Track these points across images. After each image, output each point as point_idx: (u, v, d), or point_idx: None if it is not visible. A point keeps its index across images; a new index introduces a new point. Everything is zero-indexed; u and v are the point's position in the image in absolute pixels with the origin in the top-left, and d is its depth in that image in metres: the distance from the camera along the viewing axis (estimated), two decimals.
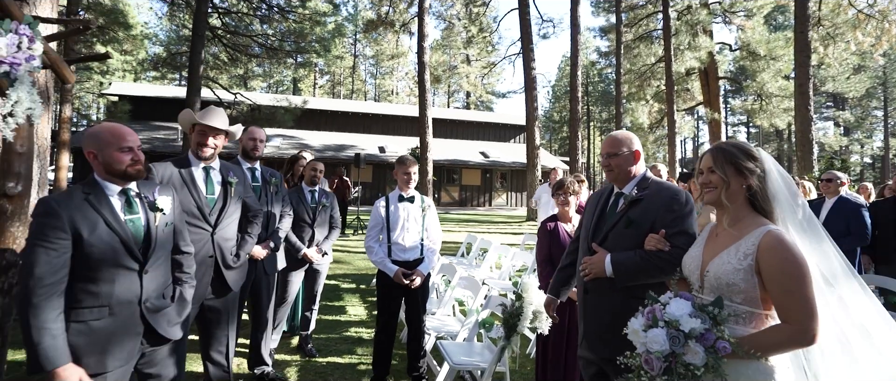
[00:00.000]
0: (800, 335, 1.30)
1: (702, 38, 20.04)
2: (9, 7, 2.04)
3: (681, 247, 1.74)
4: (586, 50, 38.13)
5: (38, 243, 1.57)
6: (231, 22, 21.16)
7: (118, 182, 1.74)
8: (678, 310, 1.36)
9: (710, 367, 1.30)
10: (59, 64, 2.41)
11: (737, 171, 1.45)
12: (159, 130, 22.21)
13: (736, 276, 1.39)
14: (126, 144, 1.72)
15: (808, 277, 1.31)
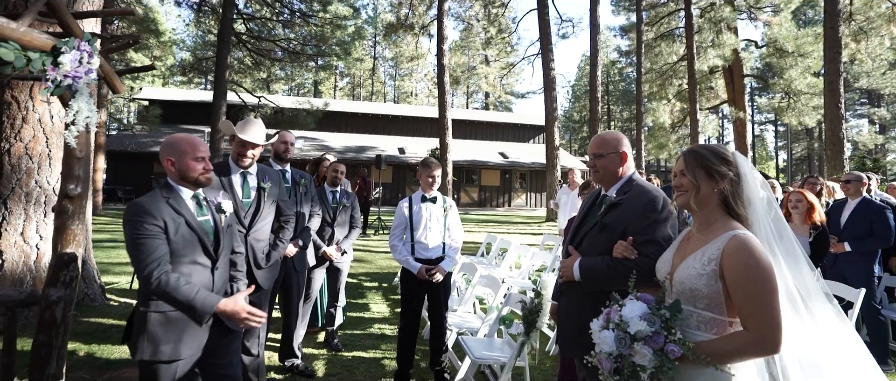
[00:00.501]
0: (759, 344, 1.25)
1: (726, 36, 19.61)
2: (71, 26, 2.24)
3: (648, 256, 1.70)
4: (607, 49, 37.70)
5: (139, 237, 1.74)
6: (255, 27, 21.72)
7: (191, 187, 1.91)
8: (630, 312, 1.35)
9: (659, 369, 1.28)
10: (110, 75, 2.60)
11: (708, 175, 1.42)
12: (187, 132, 22.93)
13: (699, 281, 1.35)
14: (200, 154, 1.90)
15: (771, 283, 1.26)
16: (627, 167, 1.97)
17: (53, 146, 4.22)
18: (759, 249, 1.30)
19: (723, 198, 1.41)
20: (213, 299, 1.79)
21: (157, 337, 1.76)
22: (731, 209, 1.40)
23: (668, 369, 1.28)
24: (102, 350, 3.53)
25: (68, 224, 2.20)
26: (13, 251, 3.96)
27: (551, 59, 15.56)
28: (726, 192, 1.40)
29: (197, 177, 1.89)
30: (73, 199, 2.22)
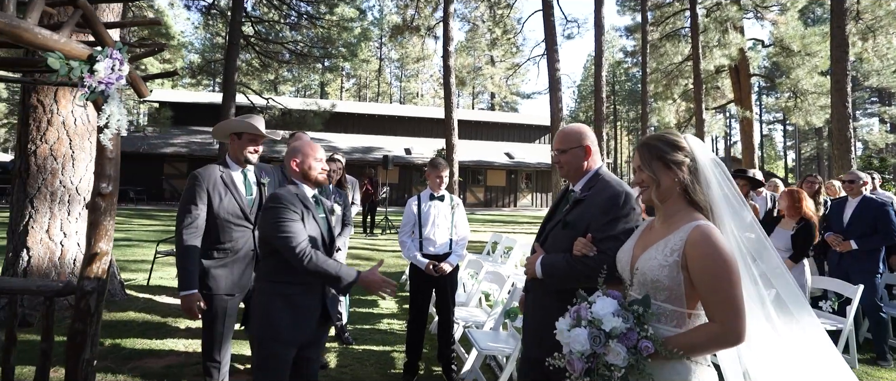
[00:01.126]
0: (725, 335, 1.23)
1: (732, 35, 19.58)
2: (102, 36, 2.39)
3: (607, 253, 1.65)
4: (612, 49, 37.65)
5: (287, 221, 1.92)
6: (262, 30, 21.99)
7: (311, 186, 2.13)
8: (602, 309, 1.30)
9: (632, 368, 1.25)
10: (137, 80, 2.75)
11: (665, 165, 1.37)
12: (197, 134, 23.24)
13: (661, 272, 1.31)
14: (319, 155, 2.13)
15: (734, 274, 1.24)
16: (593, 161, 1.92)
17: (76, 148, 4.41)
18: (722, 240, 1.28)
19: (683, 187, 1.36)
20: (354, 270, 1.97)
21: (279, 320, 1.93)
22: (692, 198, 1.36)
23: (642, 367, 1.25)
24: (125, 342, 3.70)
25: (101, 220, 2.35)
26: (39, 248, 4.15)
27: (556, 59, 15.65)
28: (686, 181, 1.35)
29: (316, 176, 2.11)
30: (105, 196, 2.37)
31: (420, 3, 20.07)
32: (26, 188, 4.20)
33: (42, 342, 2.31)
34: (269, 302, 1.96)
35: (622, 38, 30.42)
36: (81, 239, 4.35)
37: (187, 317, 2.51)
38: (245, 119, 2.71)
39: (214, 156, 19.20)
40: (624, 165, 49.24)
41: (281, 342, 1.95)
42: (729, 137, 45.50)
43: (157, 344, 3.71)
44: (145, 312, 4.51)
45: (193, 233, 2.49)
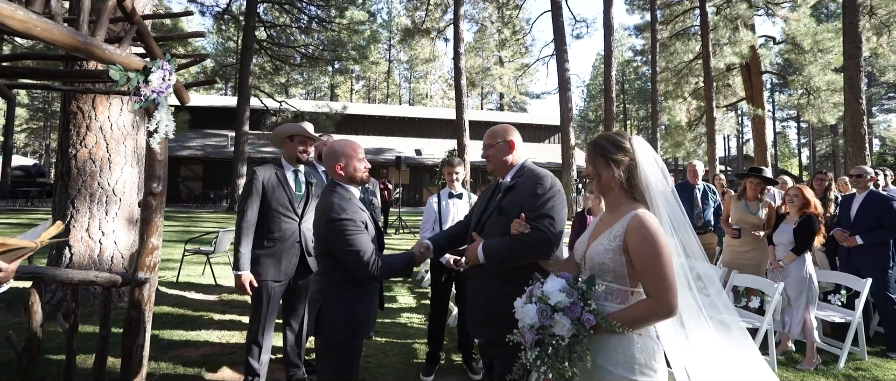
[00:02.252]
0: (659, 308, 1.40)
1: (743, 33, 19.48)
2: (153, 49, 2.61)
3: (542, 229, 1.81)
4: (621, 48, 37.52)
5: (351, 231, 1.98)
6: (274, 34, 22.38)
7: (356, 186, 2.19)
8: (551, 287, 1.47)
9: (575, 337, 1.40)
10: (180, 89, 2.97)
11: (606, 162, 1.56)
12: (211, 137, 23.68)
13: (606, 256, 1.50)
14: (361, 155, 2.18)
15: (664, 255, 1.40)
16: (517, 156, 2.08)
17: (112, 151, 4.66)
18: (656, 225, 1.45)
19: (621, 183, 1.55)
20: (408, 254, 2.11)
21: (357, 319, 2.06)
22: (630, 193, 1.55)
23: (584, 337, 1.40)
24: (163, 333, 3.93)
25: (152, 217, 2.56)
26: (80, 245, 4.40)
27: (566, 59, 15.75)
28: (623, 177, 1.54)
29: (361, 176, 2.17)
30: (155, 195, 2.58)
31: (429, 5, 20.28)
32: (68, 190, 4.46)
33: (101, 328, 2.53)
34: (344, 307, 2.05)
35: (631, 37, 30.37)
36: (118, 238, 4.60)
37: (240, 293, 2.82)
38: (302, 124, 3.07)
39: (229, 158, 19.58)
40: None
41: (359, 337, 2.09)
42: (741, 135, 45.06)
43: (192, 336, 3.94)
44: (178, 306, 4.75)
45: (249, 222, 2.84)
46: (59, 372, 2.91)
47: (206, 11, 22.09)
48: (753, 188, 4.37)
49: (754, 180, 4.38)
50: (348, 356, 2.09)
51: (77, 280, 2.49)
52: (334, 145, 2.20)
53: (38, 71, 3.22)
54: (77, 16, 2.20)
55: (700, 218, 5.04)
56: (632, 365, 1.45)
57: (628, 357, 1.46)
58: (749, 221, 4.34)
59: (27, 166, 25.47)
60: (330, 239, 2.01)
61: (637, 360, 1.46)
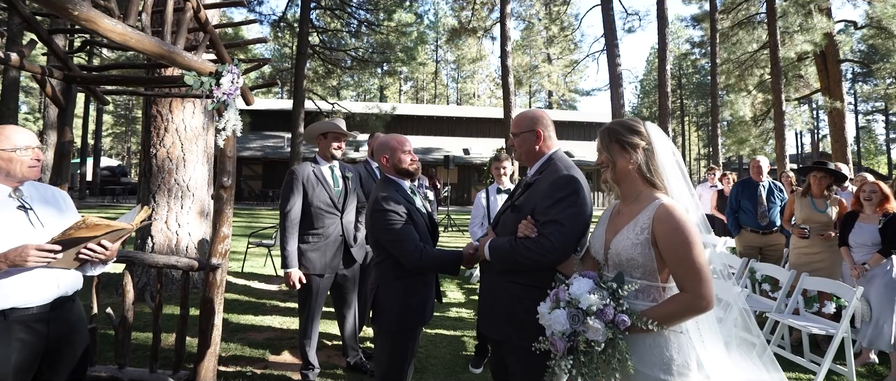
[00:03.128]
0: (696, 301, 1.32)
1: (817, 18, 17.94)
2: (223, 54, 2.86)
3: (546, 237, 1.64)
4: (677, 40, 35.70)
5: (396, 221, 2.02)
6: (326, 39, 23.28)
7: (405, 178, 2.23)
8: (579, 289, 1.37)
9: (611, 342, 1.31)
10: (245, 91, 3.21)
11: (621, 148, 1.47)
12: (269, 138, 25.01)
13: (635, 251, 1.40)
14: (407, 148, 2.22)
15: (697, 244, 1.32)
16: (545, 146, 1.90)
17: (187, 150, 5.09)
18: (685, 214, 1.37)
19: (638, 169, 1.46)
20: (456, 252, 2.07)
21: (413, 309, 2.11)
22: (649, 179, 1.45)
23: (620, 340, 1.31)
24: (230, 318, 4.25)
25: (223, 208, 2.81)
26: (160, 236, 4.86)
27: (617, 54, 15.26)
28: (640, 162, 1.45)
29: (407, 167, 2.20)
30: (226, 188, 2.83)
31: (476, 4, 20.31)
32: (149, 185, 4.93)
33: (181, 308, 2.81)
34: (397, 295, 2.09)
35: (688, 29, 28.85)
36: (192, 229, 5.02)
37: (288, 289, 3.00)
38: (333, 120, 3.17)
39: (286, 158, 20.63)
40: (693, 162, 46.47)
41: (413, 326, 2.13)
42: (816, 131, 41.46)
43: (256, 321, 4.24)
44: (243, 294, 5.12)
45: (292, 221, 2.95)
46: (146, 347, 3.24)
47: (263, 20, 23.39)
48: (819, 184, 4.07)
49: (819, 175, 4.07)
50: (402, 343, 2.12)
51: (161, 264, 2.78)
52: (381, 140, 2.28)
53: (125, 79, 3.61)
54: (161, 28, 2.46)
55: (765, 217, 4.75)
56: (669, 366, 1.36)
57: (665, 358, 1.37)
58: (816, 220, 4.05)
59: (112, 167, 28.14)
60: (375, 230, 2.09)
61: (675, 360, 1.37)
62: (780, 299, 3.87)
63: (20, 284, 1.61)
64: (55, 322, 1.73)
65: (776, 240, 4.79)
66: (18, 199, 1.68)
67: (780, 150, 16.65)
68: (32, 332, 1.66)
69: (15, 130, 1.70)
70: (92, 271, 1.87)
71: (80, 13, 1.64)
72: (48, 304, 1.70)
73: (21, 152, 1.65)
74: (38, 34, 2.56)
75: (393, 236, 2.03)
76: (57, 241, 1.59)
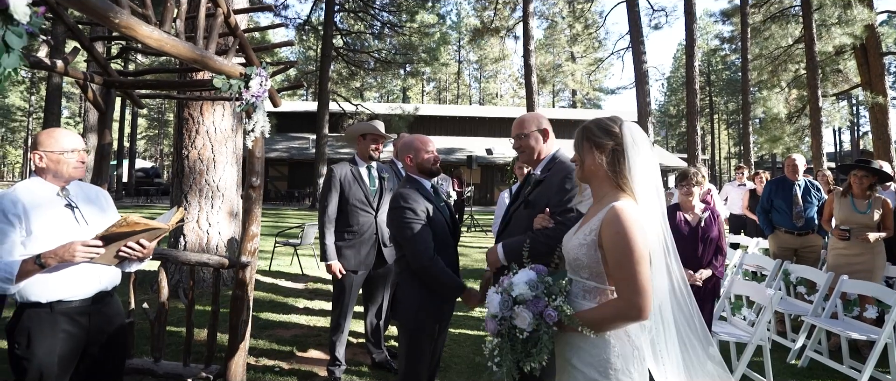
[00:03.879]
0: (626, 310, 1.29)
1: (856, 10, 17.12)
2: (252, 58, 2.93)
3: (566, 223, 1.68)
4: (706, 36, 34.73)
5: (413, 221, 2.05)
6: (350, 41, 23.61)
7: (427, 177, 2.27)
8: (519, 279, 1.42)
9: (535, 332, 1.34)
10: (273, 93, 3.29)
11: (591, 147, 1.44)
12: (295, 140, 25.51)
13: (580, 251, 1.39)
14: (430, 147, 2.28)
15: (637, 252, 1.28)
16: (549, 145, 2.00)
17: (216, 152, 5.25)
18: (632, 218, 1.30)
19: (605, 170, 1.42)
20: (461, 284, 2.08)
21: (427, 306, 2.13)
22: (615, 181, 1.41)
23: (544, 333, 1.34)
24: (259, 315, 4.37)
25: (252, 207, 2.89)
26: (192, 235, 5.02)
27: (643, 52, 14.95)
28: (606, 163, 1.41)
29: (430, 167, 2.25)
30: (255, 188, 2.90)
31: (498, 4, 20.24)
32: (181, 186, 5.11)
33: (212, 304, 2.90)
34: (415, 293, 2.13)
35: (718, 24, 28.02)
36: (222, 228, 5.18)
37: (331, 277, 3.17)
38: (373, 124, 3.27)
39: (311, 159, 21.00)
40: (723, 161, 45.05)
41: (430, 324, 2.15)
42: (857, 128, 39.63)
43: (283, 318, 4.34)
44: (271, 292, 5.25)
45: (329, 216, 3.09)
46: (180, 341, 3.36)
47: (289, 24, 23.91)
48: (859, 183, 3.88)
49: (860, 174, 3.89)
50: (418, 340, 2.14)
51: (194, 261, 2.88)
52: (405, 140, 2.36)
53: (160, 83, 3.75)
54: (194, 33, 2.55)
55: (800, 218, 4.56)
56: (606, 369, 1.34)
57: (602, 360, 1.35)
58: (857, 221, 3.87)
59: (146, 168, 29.25)
60: (393, 227, 2.15)
61: (612, 365, 1.34)
62: (816, 303, 3.73)
63: (65, 278, 1.71)
64: (96, 315, 1.82)
65: (813, 241, 4.61)
66: (65, 197, 1.78)
67: (817, 148, 16.00)
68: (75, 324, 1.75)
69: (63, 133, 1.79)
70: (129, 268, 1.96)
71: (121, 21, 1.72)
72: (90, 298, 1.79)
73: (68, 155, 1.74)
74: (80, 41, 2.69)
75: (407, 235, 2.07)
76: (100, 237, 1.67)
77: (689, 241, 3.12)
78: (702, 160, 16.69)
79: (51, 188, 1.76)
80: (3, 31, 1.19)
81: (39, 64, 2.35)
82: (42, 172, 1.74)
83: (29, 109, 41.23)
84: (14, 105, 41.23)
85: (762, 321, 3.09)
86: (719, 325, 3.45)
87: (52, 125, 14.92)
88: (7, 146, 46.36)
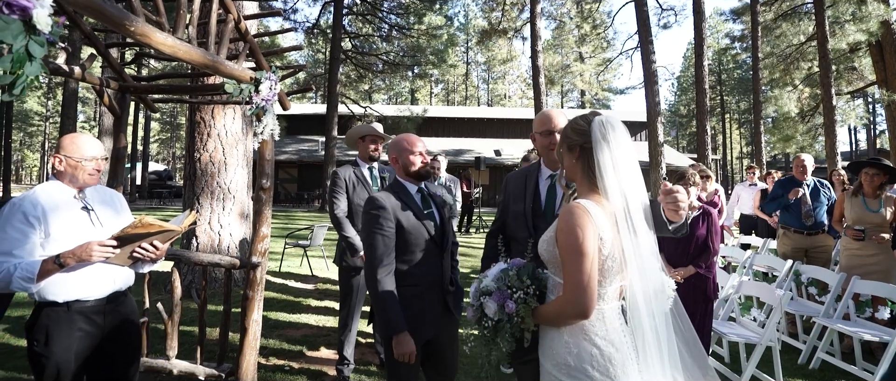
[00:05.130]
0: (569, 307, 1.30)
1: (871, 6, 16.83)
2: (261, 62, 2.99)
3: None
4: (717, 34, 34.37)
5: (375, 230, 1.91)
6: (358, 44, 23.76)
7: (414, 181, 2.08)
8: (491, 272, 1.52)
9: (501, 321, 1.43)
10: (282, 96, 3.34)
11: (567, 148, 1.44)
12: (304, 142, 25.72)
13: (542, 247, 1.43)
14: (417, 149, 2.06)
15: (581, 250, 1.26)
16: None
17: (228, 155, 5.33)
18: (583, 218, 1.29)
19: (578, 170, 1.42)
20: (401, 326, 1.84)
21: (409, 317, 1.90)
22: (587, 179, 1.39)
23: (507, 323, 1.42)
24: (269, 315, 4.42)
25: (262, 209, 2.94)
26: (204, 236, 5.11)
27: (652, 51, 14.84)
28: (577, 162, 1.41)
29: (417, 169, 2.06)
30: (265, 190, 2.96)
31: (506, 6, 20.23)
32: (194, 188, 5.20)
33: (224, 304, 2.96)
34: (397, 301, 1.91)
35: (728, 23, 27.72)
36: (233, 230, 5.26)
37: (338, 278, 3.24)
38: (370, 125, 3.33)
39: (320, 161, 21.17)
40: (735, 161, 44.51)
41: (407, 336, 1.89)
42: (873, 126, 38.87)
43: (293, 318, 4.39)
44: (281, 293, 5.31)
45: (343, 210, 3.14)
46: (193, 340, 3.43)
47: (298, 27, 24.13)
48: (871, 182, 3.84)
49: (871, 172, 3.84)
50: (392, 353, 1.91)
51: (206, 262, 2.94)
52: (393, 140, 2.19)
53: (173, 88, 3.83)
54: (205, 39, 2.61)
55: (810, 217, 4.52)
56: (560, 365, 1.36)
57: (557, 356, 1.37)
58: (869, 220, 3.83)
59: (159, 171, 29.69)
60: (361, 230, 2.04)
61: (566, 361, 1.34)
62: (828, 303, 3.69)
63: (81, 278, 1.76)
64: (110, 315, 1.88)
65: (823, 241, 4.55)
66: (82, 200, 1.84)
67: (831, 147, 15.75)
68: (91, 323, 1.81)
69: (86, 141, 1.85)
70: (142, 269, 2.02)
71: (137, 28, 1.78)
72: (105, 297, 1.85)
73: (86, 162, 1.81)
74: (96, 48, 2.76)
75: (366, 240, 1.95)
76: (115, 237, 1.73)
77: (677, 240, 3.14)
78: (712, 160, 16.52)
79: (68, 191, 1.82)
80: (27, 41, 1.24)
81: (58, 70, 2.42)
82: (60, 175, 1.80)
83: (46, 114, 42.13)
84: (32, 110, 42.16)
85: (772, 321, 3.07)
86: (729, 326, 3.43)
87: (70, 129, 15.22)
88: (25, 150, 47.38)
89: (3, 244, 1.62)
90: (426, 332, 1.97)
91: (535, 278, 1.46)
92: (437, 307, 2.03)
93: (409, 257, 1.96)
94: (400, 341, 1.86)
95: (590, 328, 1.33)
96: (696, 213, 3.17)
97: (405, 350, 1.86)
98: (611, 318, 1.35)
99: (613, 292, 1.36)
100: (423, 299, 1.98)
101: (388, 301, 1.88)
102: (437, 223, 2.08)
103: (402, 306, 1.90)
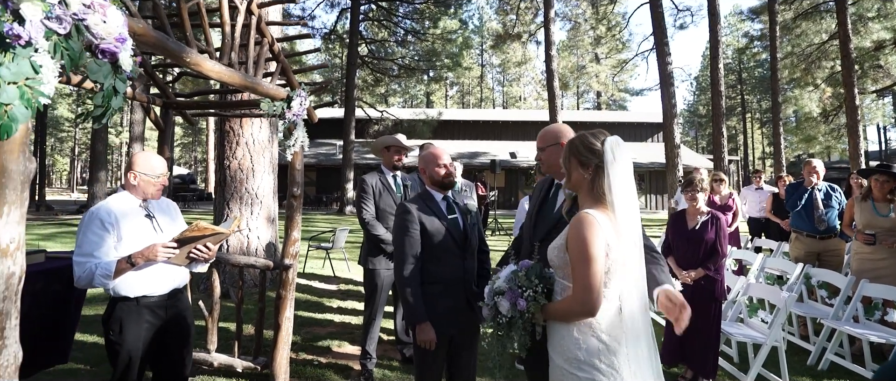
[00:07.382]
0: (577, 306, 1.45)
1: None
2: (292, 80, 3.24)
3: None
4: (736, 33, 33.82)
5: (403, 233, 2.16)
6: (374, 48, 24.17)
7: (439, 190, 2.31)
8: (504, 273, 1.66)
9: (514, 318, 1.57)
10: (310, 110, 3.59)
11: (578, 163, 1.57)
12: (322, 146, 26.20)
13: (553, 253, 1.57)
14: (442, 161, 2.30)
15: (590, 255, 1.42)
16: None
17: (255, 162, 5.63)
18: (593, 227, 1.44)
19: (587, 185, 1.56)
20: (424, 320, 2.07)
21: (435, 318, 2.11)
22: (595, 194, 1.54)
23: (518, 320, 1.57)
24: (296, 313, 4.68)
25: (293, 215, 3.19)
26: (233, 239, 5.41)
27: (667, 52, 14.80)
28: (589, 178, 1.55)
29: (441, 179, 2.28)
30: (295, 197, 3.21)
31: (520, 9, 20.36)
32: (224, 193, 5.51)
33: (259, 302, 3.22)
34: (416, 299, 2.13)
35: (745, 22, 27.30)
36: (260, 233, 5.55)
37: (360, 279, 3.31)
38: (397, 137, 3.58)
39: (338, 165, 21.59)
40: (757, 161, 43.63)
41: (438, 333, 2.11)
42: None
43: (318, 317, 4.65)
44: (306, 293, 5.59)
45: (372, 213, 3.39)
46: (230, 336, 3.70)
47: (316, 34, 24.68)
48: (880, 188, 3.91)
49: (881, 178, 3.92)
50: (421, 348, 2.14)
51: (243, 263, 3.21)
52: (423, 152, 2.47)
53: (211, 104, 4.13)
54: (244, 61, 2.88)
55: (822, 222, 4.58)
56: (571, 360, 1.50)
57: (568, 351, 1.51)
58: (879, 225, 3.90)
59: (183, 175, 30.60)
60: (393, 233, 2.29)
61: (576, 356, 1.48)
62: (837, 306, 3.77)
63: (147, 276, 2.03)
64: (171, 309, 2.14)
65: (835, 245, 4.61)
66: (146, 209, 2.11)
67: (854, 147, 15.44)
68: (155, 315, 2.08)
69: (157, 160, 2.14)
70: (196, 268, 2.28)
71: (191, 59, 2.04)
72: (166, 294, 2.11)
73: (155, 179, 2.09)
74: (145, 70, 3.05)
75: (397, 242, 2.20)
76: (175, 240, 1.99)
77: (690, 244, 3.31)
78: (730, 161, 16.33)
79: (135, 201, 2.09)
80: (114, 81, 1.49)
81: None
82: (132, 188, 2.08)
83: (76, 121, 43.71)
84: (62, 116, 43.80)
85: (777, 322, 3.19)
86: (736, 326, 3.55)
87: (101, 135, 15.93)
88: (55, 155, 49.23)
89: (85, 247, 1.89)
90: (447, 326, 2.15)
91: (543, 278, 1.62)
92: (459, 305, 2.22)
93: (432, 257, 2.19)
94: (422, 329, 2.11)
95: (596, 325, 1.48)
96: (705, 217, 3.32)
97: (426, 337, 2.10)
98: (612, 316, 1.50)
99: (614, 292, 1.51)
100: (445, 296, 2.18)
101: (413, 294, 2.12)
102: (461, 228, 2.28)
103: (425, 301, 2.13)
